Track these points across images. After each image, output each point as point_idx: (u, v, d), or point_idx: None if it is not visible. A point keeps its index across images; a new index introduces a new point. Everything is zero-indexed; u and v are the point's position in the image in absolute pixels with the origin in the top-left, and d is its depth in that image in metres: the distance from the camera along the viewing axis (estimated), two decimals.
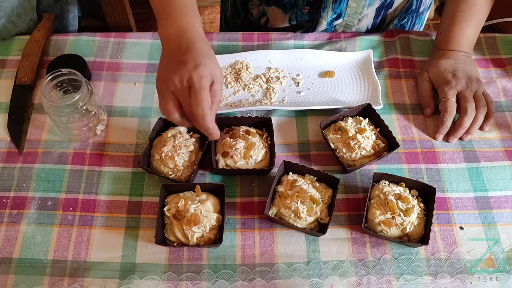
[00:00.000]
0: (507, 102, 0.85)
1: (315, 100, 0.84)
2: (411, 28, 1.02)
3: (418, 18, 1.01)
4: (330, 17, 0.92)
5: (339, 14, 0.93)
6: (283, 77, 0.87)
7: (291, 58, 0.89)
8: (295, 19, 0.96)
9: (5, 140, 0.79)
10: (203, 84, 0.61)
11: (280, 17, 0.97)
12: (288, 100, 0.84)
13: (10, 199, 0.73)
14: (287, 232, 0.71)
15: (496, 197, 0.74)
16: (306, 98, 0.85)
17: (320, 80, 0.87)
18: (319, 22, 0.94)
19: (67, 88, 0.77)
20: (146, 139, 0.79)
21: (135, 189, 0.74)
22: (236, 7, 1.03)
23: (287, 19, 0.96)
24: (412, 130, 0.81)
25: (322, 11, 0.91)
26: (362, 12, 0.93)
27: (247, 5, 1.00)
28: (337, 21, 0.94)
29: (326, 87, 0.86)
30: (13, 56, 0.89)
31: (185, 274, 0.67)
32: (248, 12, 1.01)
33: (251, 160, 0.74)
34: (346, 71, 0.88)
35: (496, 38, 0.94)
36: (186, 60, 0.63)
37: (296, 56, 0.89)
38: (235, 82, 0.86)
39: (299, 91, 0.86)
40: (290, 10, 0.94)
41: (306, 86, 0.87)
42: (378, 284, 0.66)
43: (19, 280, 0.66)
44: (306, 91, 0.86)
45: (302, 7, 0.93)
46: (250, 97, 0.85)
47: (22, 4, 0.89)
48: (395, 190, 0.70)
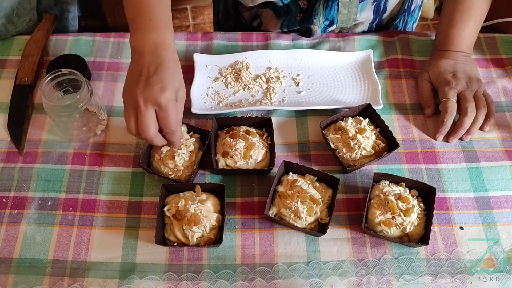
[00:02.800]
0: (507, 102, 0.85)
1: (315, 100, 0.84)
2: (403, 27, 1.02)
3: (410, 16, 1.01)
4: (322, 23, 0.92)
5: (331, 21, 0.92)
6: (283, 77, 0.87)
7: (291, 58, 0.89)
8: (286, 26, 0.95)
9: (5, 140, 0.79)
10: (170, 106, 0.65)
11: (273, 22, 0.96)
12: (288, 100, 0.84)
13: (10, 199, 0.73)
14: (287, 232, 0.71)
15: (496, 197, 0.74)
16: (306, 98, 0.85)
17: (321, 80, 0.87)
18: (312, 30, 0.94)
19: (67, 88, 0.77)
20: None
21: (135, 189, 0.74)
22: (227, 9, 1.03)
23: (279, 25, 0.96)
24: (412, 130, 0.81)
25: (313, 18, 0.91)
26: (356, 20, 0.93)
27: (238, 7, 0.99)
28: (331, 27, 0.94)
29: (326, 87, 0.86)
30: (13, 56, 0.89)
31: (185, 274, 0.67)
32: (239, 15, 1.01)
33: (251, 160, 0.74)
34: (346, 71, 0.88)
35: (496, 38, 0.94)
36: (152, 82, 0.64)
37: (296, 56, 0.89)
38: (235, 82, 0.86)
39: (299, 91, 0.86)
40: (284, 16, 0.94)
41: (306, 86, 0.87)
42: (378, 284, 0.66)
43: (19, 280, 0.66)
44: (306, 91, 0.86)
45: (296, 13, 0.93)
46: (250, 97, 0.85)
47: (22, 4, 0.89)
48: (395, 190, 0.70)
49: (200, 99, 0.84)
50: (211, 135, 0.76)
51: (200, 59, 0.88)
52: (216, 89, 0.86)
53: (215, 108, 0.83)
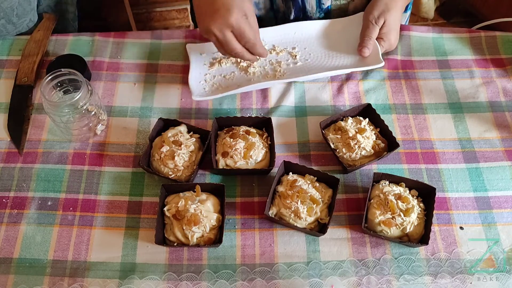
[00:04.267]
0: (507, 102, 0.85)
1: (315, 69, 0.85)
2: None
3: None
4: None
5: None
6: (280, 51, 0.88)
7: (284, 33, 0.90)
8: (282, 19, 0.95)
9: (5, 140, 0.79)
10: (242, 24, 0.71)
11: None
12: (288, 74, 0.85)
13: (10, 199, 0.73)
14: (287, 232, 0.71)
15: (496, 197, 0.74)
16: (305, 69, 0.85)
17: (317, 49, 0.88)
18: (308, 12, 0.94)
19: (67, 88, 0.77)
20: (146, 139, 0.79)
21: (135, 189, 0.74)
22: None
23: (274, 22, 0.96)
24: (412, 130, 0.81)
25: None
26: None
27: None
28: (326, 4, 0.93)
29: (324, 55, 0.87)
30: (13, 56, 0.89)
31: (185, 274, 0.67)
32: None
33: (251, 160, 0.74)
34: (342, 37, 0.89)
35: (496, 37, 0.94)
36: (216, 8, 0.70)
37: (289, 31, 0.90)
38: (232, 64, 0.87)
39: (297, 62, 0.87)
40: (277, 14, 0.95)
41: (304, 58, 0.88)
42: (378, 284, 0.66)
43: (19, 280, 0.66)
44: (304, 62, 0.87)
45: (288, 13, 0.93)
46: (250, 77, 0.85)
47: (22, 5, 0.89)
48: (395, 190, 0.70)
49: (199, 86, 0.84)
50: (211, 135, 0.76)
51: (194, 48, 0.88)
52: (213, 74, 0.86)
53: (215, 92, 0.83)
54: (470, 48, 0.92)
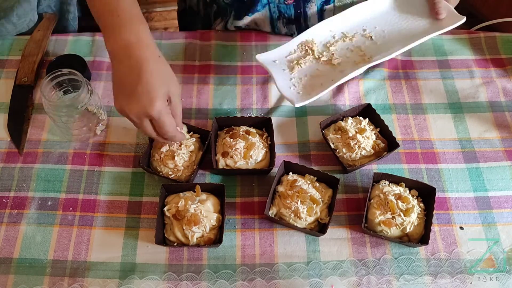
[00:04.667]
0: (507, 102, 0.85)
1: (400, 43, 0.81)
2: None
3: None
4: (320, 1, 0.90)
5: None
6: (352, 36, 0.85)
7: (347, 19, 0.86)
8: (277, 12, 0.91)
9: (5, 140, 0.79)
10: (162, 116, 0.63)
11: None
12: (376, 55, 0.81)
13: (10, 199, 0.73)
14: (287, 232, 0.71)
15: (496, 197, 0.74)
16: (389, 44, 0.82)
17: (389, 25, 0.85)
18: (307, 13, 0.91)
19: (67, 88, 0.77)
20: (146, 139, 0.79)
21: (135, 189, 0.74)
22: None
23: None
24: (412, 130, 0.81)
25: None
26: None
27: None
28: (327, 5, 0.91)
29: (399, 28, 0.84)
30: (13, 56, 0.89)
31: (185, 274, 0.67)
32: None
33: (251, 160, 0.74)
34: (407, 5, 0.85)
35: (496, 38, 0.94)
36: (138, 93, 0.61)
37: (350, 16, 0.86)
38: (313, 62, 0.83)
39: (377, 42, 0.84)
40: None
41: (380, 36, 0.84)
42: (378, 284, 0.66)
43: (19, 280, 0.66)
44: (383, 40, 0.84)
45: None
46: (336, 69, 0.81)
47: (22, 5, 0.89)
48: (395, 190, 0.70)
49: (293, 92, 0.79)
50: (211, 135, 0.76)
51: (265, 58, 0.82)
52: (298, 76, 0.81)
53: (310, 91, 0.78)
54: (470, 48, 0.92)
